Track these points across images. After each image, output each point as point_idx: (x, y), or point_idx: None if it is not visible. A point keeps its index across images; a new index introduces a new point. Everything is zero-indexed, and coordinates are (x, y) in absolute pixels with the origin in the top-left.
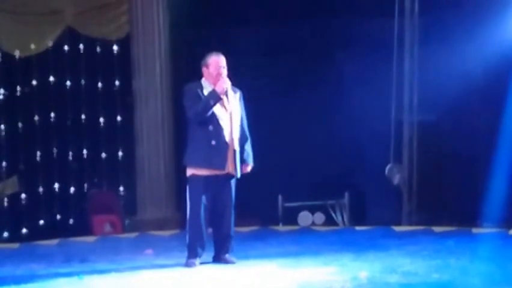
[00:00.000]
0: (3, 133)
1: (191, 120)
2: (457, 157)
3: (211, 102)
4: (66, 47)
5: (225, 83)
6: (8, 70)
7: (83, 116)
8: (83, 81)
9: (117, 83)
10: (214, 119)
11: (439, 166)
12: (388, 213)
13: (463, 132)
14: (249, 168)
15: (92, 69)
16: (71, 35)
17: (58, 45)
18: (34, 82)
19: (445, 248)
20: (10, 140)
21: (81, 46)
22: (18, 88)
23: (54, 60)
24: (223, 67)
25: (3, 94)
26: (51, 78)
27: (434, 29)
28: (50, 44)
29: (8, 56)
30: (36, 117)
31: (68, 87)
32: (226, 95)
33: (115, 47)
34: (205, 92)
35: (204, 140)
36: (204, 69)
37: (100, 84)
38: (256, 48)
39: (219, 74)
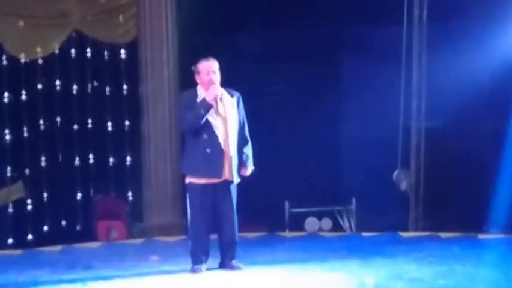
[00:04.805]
0: (9, 138)
1: (184, 131)
2: (464, 163)
3: (202, 112)
4: (73, 51)
5: (216, 89)
6: (13, 74)
7: (89, 121)
8: (90, 86)
9: (124, 87)
10: (208, 127)
11: (446, 172)
12: (395, 219)
13: (470, 138)
14: (248, 172)
15: (99, 74)
16: (78, 39)
17: (65, 48)
18: (40, 86)
19: (451, 254)
20: (15, 145)
21: (88, 50)
22: (24, 92)
23: (61, 64)
24: (214, 72)
25: (9, 97)
26: (58, 82)
27: (442, 37)
28: (56, 47)
29: (14, 60)
30: (42, 122)
31: (74, 92)
32: (219, 101)
33: (123, 51)
34: (199, 99)
35: (199, 148)
36: (197, 76)
37: (107, 89)
38: (264, 55)
39: (210, 80)
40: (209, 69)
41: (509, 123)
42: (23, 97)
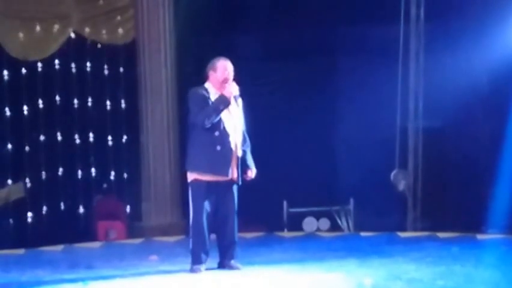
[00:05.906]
0: (10, 135)
1: (197, 125)
2: (462, 163)
3: (221, 107)
4: (72, 52)
5: (234, 87)
6: (14, 75)
7: (89, 121)
8: (89, 86)
9: (124, 86)
10: (220, 124)
11: (444, 172)
12: (393, 220)
13: (468, 138)
14: (253, 175)
15: (98, 74)
16: (78, 40)
17: (64, 50)
18: (40, 87)
19: (450, 255)
20: (16, 144)
21: (87, 51)
22: (24, 93)
23: (61, 65)
24: (231, 72)
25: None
26: (58, 83)
27: (440, 36)
28: (56, 49)
29: (14, 61)
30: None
31: (74, 91)
32: (235, 100)
33: (121, 52)
34: (211, 96)
35: (208, 145)
36: (211, 73)
37: (106, 89)
38: (261, 55)
39: (226, 79)
40: (227, 68)
41: (507, 123)
42: (24, 97)
